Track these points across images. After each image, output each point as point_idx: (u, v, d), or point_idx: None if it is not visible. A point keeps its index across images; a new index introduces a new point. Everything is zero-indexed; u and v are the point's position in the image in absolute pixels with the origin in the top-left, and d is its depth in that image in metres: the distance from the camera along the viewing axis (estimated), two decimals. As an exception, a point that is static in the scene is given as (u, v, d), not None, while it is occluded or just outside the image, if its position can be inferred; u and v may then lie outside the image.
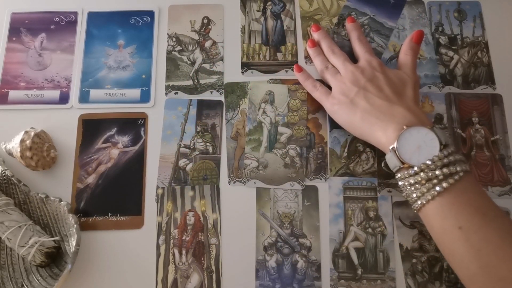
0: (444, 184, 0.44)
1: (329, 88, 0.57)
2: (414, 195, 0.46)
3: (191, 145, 0.58)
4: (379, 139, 0.50)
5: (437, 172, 0.45)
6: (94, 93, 0.60)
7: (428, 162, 0.45)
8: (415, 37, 0.56)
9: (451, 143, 0.52)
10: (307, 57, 0.62)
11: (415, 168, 0.46)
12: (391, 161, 0.48)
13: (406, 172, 0.47)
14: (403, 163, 0.47)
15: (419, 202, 0.46)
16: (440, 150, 0.46)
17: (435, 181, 0.45)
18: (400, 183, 0.48)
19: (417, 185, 0.46)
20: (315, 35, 0.61)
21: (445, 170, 0.44)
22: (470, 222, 0.43)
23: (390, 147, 0.48)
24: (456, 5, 0.64)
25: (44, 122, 0.58)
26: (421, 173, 0.45)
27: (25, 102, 0.60)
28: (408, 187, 0.47)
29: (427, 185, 0.45)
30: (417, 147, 0.47)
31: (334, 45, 0.59)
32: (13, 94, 0.60)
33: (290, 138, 0.58)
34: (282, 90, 0.60)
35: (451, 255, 0.45)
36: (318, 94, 0.57)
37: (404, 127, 0.47)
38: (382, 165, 0.53)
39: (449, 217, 0.44)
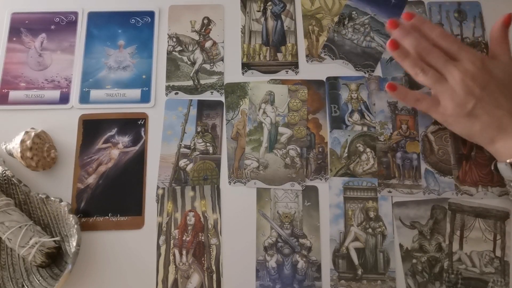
0: None
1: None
2: None
3: (192, 145, 0.58)
4: (498, 149, 0.50)
5: None
6: (94, 93, 0.60)
7: None
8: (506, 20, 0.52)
9: None
10: (309, 56, 0.62)
11: None
12: (505, 172, 0.50)
13: None
14: None
15: None
16: None
17: None
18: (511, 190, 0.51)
19: None
20: (395, 33, 0.52)
21: None
22: None
23: (508, 161, 0.49)
24: (456, 5, 0.64)
25: (45, 122, 0.58)
26: None
27: (25, 103, 0.60)
28: None
29: None
30: None
31: (425, 42, 0.51)
32: (13, 94, 0.60)
33: (291, 139, 0.58)
34: (283, 91, 0.60)
35: None
36: (425, 106, 0.53)
37: None
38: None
39: None
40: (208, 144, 0.58)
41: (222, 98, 0.60)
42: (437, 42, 0.51)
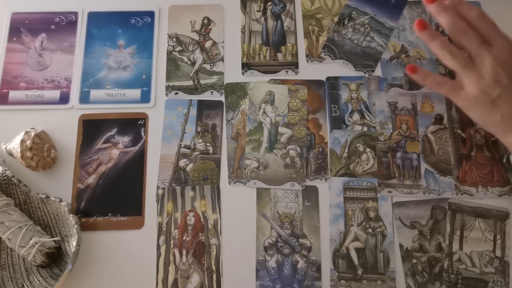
0: None
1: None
2: None
3: (192, 145, 0.58)
4: None
5: None
6: (94, 94, 0.60)
7: None
8: None
9: None
10: (309, 56, 0.62)
11: None
12: None
13: None
14: None
15: None
16: None
17: None
18: None
19: None
20: (431, 8, 0.50)
21: None
22: None
23: None
24: (457, 5, 0.64)
25: (45, 122, 0.58)
26: None
27: (25, 103, 0.59)
28: None
29: None
30: None
31: (461, 21, 0.48)
32: (13, 94, 0.60)
33: (291, 139, 0.58)
34: (283, 91, 0.60)
35: None
36: (446, 90, 0.51)
37: None
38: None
39: None
40: (208, 144, 0.58)
41: (222, 98, 0.60)
42: (474, 22, 0.49)
